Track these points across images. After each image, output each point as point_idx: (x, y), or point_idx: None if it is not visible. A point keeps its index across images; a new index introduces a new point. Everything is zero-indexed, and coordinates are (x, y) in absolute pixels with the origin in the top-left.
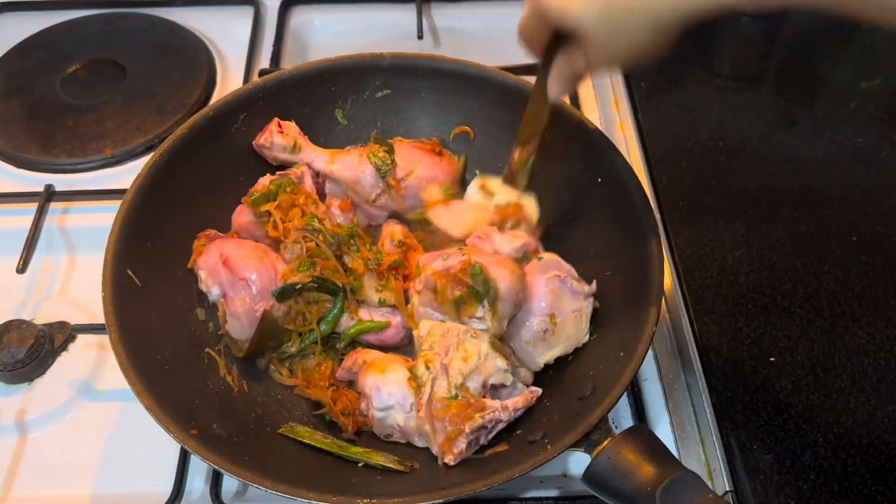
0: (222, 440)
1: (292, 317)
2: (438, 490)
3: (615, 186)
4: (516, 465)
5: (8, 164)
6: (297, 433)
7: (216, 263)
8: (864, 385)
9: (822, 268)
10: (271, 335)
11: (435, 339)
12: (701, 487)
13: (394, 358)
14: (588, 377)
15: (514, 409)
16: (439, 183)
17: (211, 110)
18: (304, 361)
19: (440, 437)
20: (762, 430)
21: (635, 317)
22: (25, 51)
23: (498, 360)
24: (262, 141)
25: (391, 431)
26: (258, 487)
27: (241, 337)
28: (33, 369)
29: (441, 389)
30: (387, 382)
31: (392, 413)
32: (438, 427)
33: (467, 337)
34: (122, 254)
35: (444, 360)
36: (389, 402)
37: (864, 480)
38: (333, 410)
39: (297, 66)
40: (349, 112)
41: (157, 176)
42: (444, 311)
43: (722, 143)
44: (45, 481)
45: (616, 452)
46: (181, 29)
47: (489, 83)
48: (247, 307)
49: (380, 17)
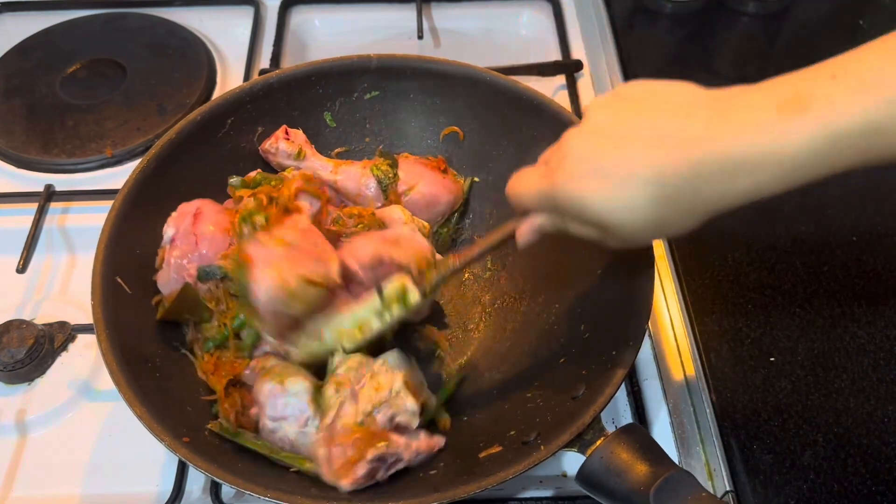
0: (215, 447)
1: (213, 298)
2: (431, 493)
3: None
4: (510, 466)
5: (8, 164)
6: (225, 430)
7: (189, 213)
8: (864, 385)
9: (822, 268)
10: (189, 307)
11: (351, 367)
12: (694, 486)
13: (295, 370)
14: (580, 377)
15: (417, 450)
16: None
17: (199, 115)
18: (224, 352)
19: (337, 462)
20: (762, 430)
21: (627, 315)
22: (25, 51)
23: (409, 401)
24: (267, 146)
25: (282, 445)
26: (251, 494)
27: (164, 290)
28: (33, 369)
29: (347, 415)
30: (285, 393)
31: (284, 426)
32: (337, 452)
33: (383, 370)
34: (111, 261)
35: (355, 386)
36: (284, 413)
37: (864, 480)
38: (222, 402)
39: (283, 68)
40: (338, 114)
41: (146, 182)
42: None
43: None
44: (45, 481)
45: (609, 452)
46: (181, 29)
47: (478, 83)
48: (181, 260)
49: (380, 17)
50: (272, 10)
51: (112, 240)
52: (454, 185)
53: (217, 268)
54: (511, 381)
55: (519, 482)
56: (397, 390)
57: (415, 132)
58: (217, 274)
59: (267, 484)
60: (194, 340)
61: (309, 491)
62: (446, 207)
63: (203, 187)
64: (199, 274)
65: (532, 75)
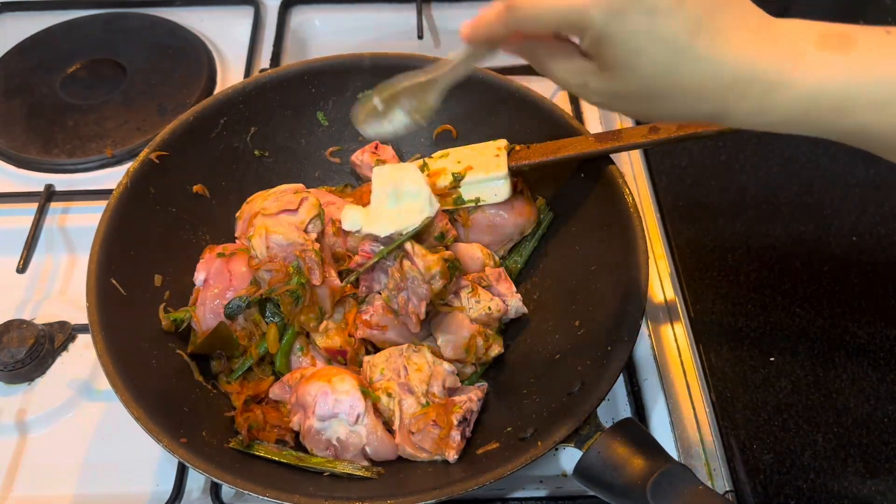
0: (212, 447)
1: (246, 334)
2: (430, 490)
3: (595, 177)
4: (508, 463)
5: (8, 164)
6: (240, 444)
7: (214, 254)
8: (864, 385)
9: (822, 268)
10: (223, 343)
11: (382, 367)
12: (690, 479)
13: (337, 370)
14: (576, 373)
15: (477, 399)
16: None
17: (191, 115)
18: (249, 374)
19: (428, 443)
20: (762, 430)
21: (621, 310)
22: (25, 51)
23: (446, 364)
24: (354, 158)
25: (325, 448)
26: (250, 494)
27: (200, 327)
28: (33, 369)
29: (410, 406)
30: (334, 391)
31: (333, 424)
32: (420, 438)
33: (411, 352)
34: (105, 263)
35: (401, 380)
36: (335, 411)
37: (864, 480)
38: (238, 415)
39: (275, 68)
40: (330, 113)
41: (139, 182)
42: None
43: (722, 143)
44: (45, 481)
45: (606, 447)
46: (181, 29)
47: (470, 81)
48: (216, 299)
49: (380, 17)
50: (272, 10)
51: (106, 242)
52: (526, 206)
53: (239, 299)
54: (506, 377)
55: (518, 481)
56: (432, 360)
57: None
58: (242, 306)
59: (266, 483)
60: (223, 371)
61: (308, 489)
62: (514, 231)
63: (196, 186)
64: (227, 312)
65: (531, 75)
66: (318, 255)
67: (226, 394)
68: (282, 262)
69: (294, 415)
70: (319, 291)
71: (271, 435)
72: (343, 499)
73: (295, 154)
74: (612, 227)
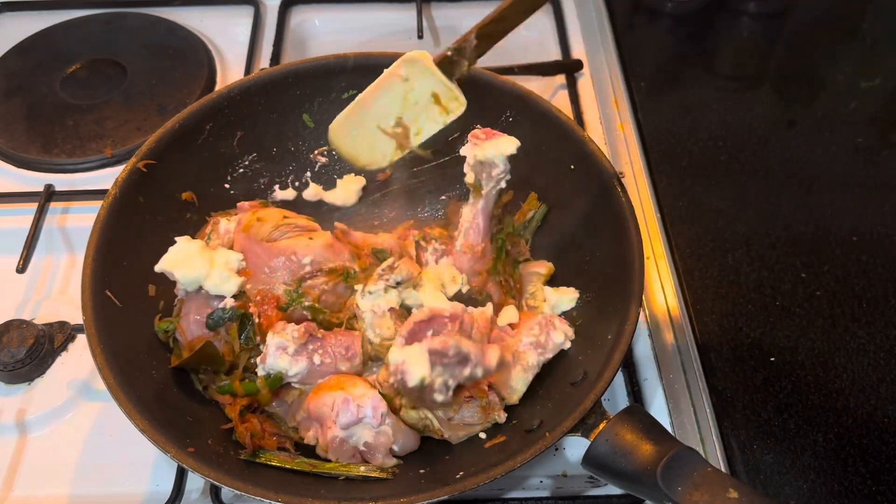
0: (220, 455)
1: (230, 349)
2: (441, 486)
3: (588, 171)
4: (518, 455)
5: (8, 164)
6: (260, 457)
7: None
8: (864, 385)
9: (822, 268)
10: (209, 361)
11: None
12: (700, 462)
13: (347, 376)
14: (578, 363)
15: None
16: None
17: (177, 123)
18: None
19: (476, 416)
20: (762, 430)
21: (620, 299)
22: (25, 51)
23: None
24: None
25: (351, 454)
26: (262, 500)
27: (184, 338)
28: (33, 369)
29: (442, 397)
30: (354, 395)
31: (359, 430)
32: (463, 415)
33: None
34: (99, 275)
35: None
36: (360, 415)
37: (864, 480)
38: (238, 426)
39: (259, 71)
40: (316, 115)
41: (128, 192)
42: None
43: (722, 143)
44: (45, 481)
45: (614, 434)
46: (181, 29)
47: (469, 81)
48: (196, 315)
49: (380, 17)
50: (272, 9)
51: (98, 254)
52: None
53: (222, 310)
54: None
55: (518, 481)
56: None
57: None
58: (224, 317)
59: (278, 489)
60: (210, 382)
61: (320, 493)
62: None
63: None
64: (209, 323)
65: (532, 75)
66: None
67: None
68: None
69: (307, 430)
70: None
71: (271, 443)
72: (357, 499)
73: (282, 157)
74: (603, 215)
